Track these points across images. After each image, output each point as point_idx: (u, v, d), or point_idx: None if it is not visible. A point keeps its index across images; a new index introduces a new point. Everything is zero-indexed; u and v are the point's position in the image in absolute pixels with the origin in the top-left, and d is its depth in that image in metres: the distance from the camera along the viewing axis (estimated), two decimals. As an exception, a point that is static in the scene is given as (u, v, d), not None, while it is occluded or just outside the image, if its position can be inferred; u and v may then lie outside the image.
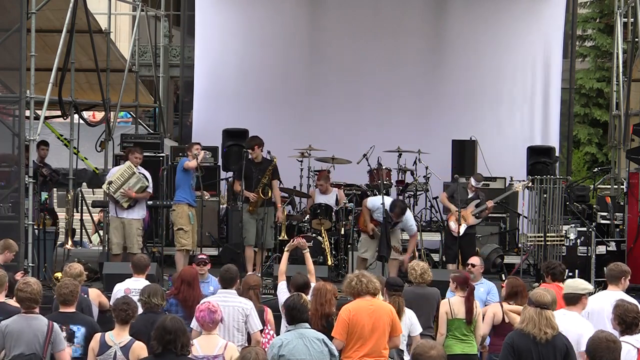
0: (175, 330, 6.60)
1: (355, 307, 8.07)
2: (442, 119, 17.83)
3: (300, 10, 18.60)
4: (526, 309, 7.21)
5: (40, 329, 7.62)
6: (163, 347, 6.57)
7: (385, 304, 8.32)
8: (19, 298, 7.73)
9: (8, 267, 10.14)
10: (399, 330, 8.24)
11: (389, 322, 8.06)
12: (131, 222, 13.22)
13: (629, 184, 13.88)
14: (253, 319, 8.73)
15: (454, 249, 13.31)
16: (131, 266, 10.14)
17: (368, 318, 7.98)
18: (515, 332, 7.21)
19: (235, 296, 8.87)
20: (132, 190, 13.08)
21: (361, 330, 7.95)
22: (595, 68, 27.02)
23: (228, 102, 18.36)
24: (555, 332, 7.13)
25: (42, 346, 7.56)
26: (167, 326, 6.62)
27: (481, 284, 10.56)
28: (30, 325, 7.62)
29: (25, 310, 7.71)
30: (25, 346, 7.55)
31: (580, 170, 25.27)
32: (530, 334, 7.05)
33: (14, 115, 12.98)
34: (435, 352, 5.80)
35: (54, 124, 17.53)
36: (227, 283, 8.96)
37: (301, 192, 15.63)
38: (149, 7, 19.66)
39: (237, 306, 8.73)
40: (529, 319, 7.11)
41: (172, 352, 6.56)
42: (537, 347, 7.05)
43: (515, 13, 17.98)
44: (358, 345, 7.95)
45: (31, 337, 7.56)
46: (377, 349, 7.97)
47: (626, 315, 7.22)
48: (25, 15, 12.35)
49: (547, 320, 7.10)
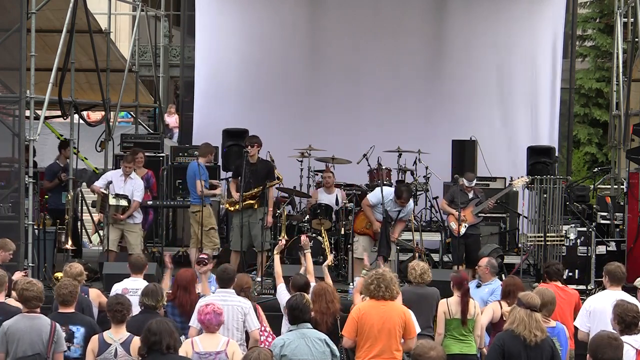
0: (161, 332, 6.67)
1: (366, 306, 8.09)
2: (442, 119, 17.83)
3: (300, 10, 18.59)
4: (515, 309, 7.21)
5: (43, 329, 7.62)
6: (149, 348, 6.63)
7: (398, 305, 8.27)
8: (25, 297, 7.71)
9: (8, 267, 10.13)
10: (413, 332, 8.17)
11: (400, 323, 8.02)
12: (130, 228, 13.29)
13: (629, 184, 13.88)
14: (251, 317, 8.81)
15: (459, 251, 13.29)
16: (129, 266, 10.16)
17: (377, 318, 7.97)
18: (506, 334, 7.20)
19: (233, 295, 8.93)
20: (117, 215, 13.17)
21: (369, 329, 7.94)
22: (595, 68, 27.02)
23: (228, 102, 18.36)
24: (544, 335, 7.14)
25: (46, 346, 7.56)
26: (152, 328, 6.70)
27: (489, 284, 10.52)
28: (33, 325, 7.62)
29: (27, 310, 7.70)
30: (28, 346, 7.55)
31: (580, 170, 25.27)
32: (521, 336, 7.06)
33: (14, 115, 12.97)
34: (435, 352, 5.81)
35: (54, 124, 17.53)
36: (224, 283, 9.01)
37: (301, 192, 15.63)
38: (149, 7, 19.66)
39: (236, 305, 8.79)
40: (519, 320, 7.11)
41: (157, 351, 6.62)
42: (526, 350, 7.06)
43: (515, 13, 17.97)
44: (368, 344, 7.94)
45: (34, 337, 7.57)
46: (387, 349, 7.94)
47: (626, 314, 7.23)
48: (25, 15, 12.34)
49: (537, 322, 7.12)
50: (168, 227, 15.34)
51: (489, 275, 10.55)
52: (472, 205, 13.43)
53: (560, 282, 9.83)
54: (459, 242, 13.28)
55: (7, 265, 10.26)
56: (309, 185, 15.87)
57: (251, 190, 13.23)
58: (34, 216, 12.88)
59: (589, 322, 8.66)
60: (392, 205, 13.01)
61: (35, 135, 12.69)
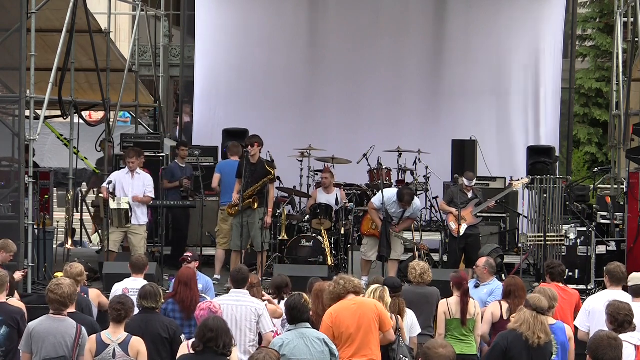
0: (218, 329, 6.61)
1: (338, 308, 8.02)
2: (442, 119, 17.85)
3: (300, 10, 18.60)
4: (522, 310, 7.21)
5: (69, 332, 7.56)
6: (204, 345, 6.58)
7: (369, 300, 8.25)
8: (49, 299, 7.66)
9: (8, 267, 10.13)
10: (388, 324, 8.16)
11: (374, 317, 7.99)
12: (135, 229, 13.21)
13: (629, 184, 13.86)
14: (265, 319, 8.67)
15: (457, 252, 13.27)
16: (129, 266, 10.14)
17: (352, 317, 7.93)
18: (509, 333, 7.20)
19: (247, 296, 8.83)
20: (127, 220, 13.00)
21: (347, 330, 7.91)
22: (595, 68, 27.02)
23: (228, 102, 18.37)
24: (548, 338, 7.15)
25: (71, 350, 7.51)
26: (210, 324, 6.65)
27: (487, 284, 10.49)
28: (57, 327, 7.56)
29: (53, 312, 7.66)
30: (51, 349, 7.50)
31: (580, 170, 25.27)
32: (524, 336, 7.06)
33: (14, 115, 12.96)
34: (445, 351, 5.80)
35: (54, 124, 17.53)
36: (238, 283, 8.88)
37: (301, 192, 15.63)
38: (149, 7, 19.65)
39: (250, 306, 8.67)
40: (524, 321, 7.11)
41: (213, 350, 6.57)
42: (528, 351, 7.06)
43: (515, 13, 17.98)
44: (347, 345, 7.91)
45: (59, 340, 7.50)
46: (365, 346, 7.91)
47: (617, 313, 7.26)
48: (25, 15, 12.33)
49: (542, 325, 7.12)
50: (168, 227, 15.34)
51: (487, 275, 10.52)
52: (471, 206, 13.43)
53: (561, 283, 9.84)
54: (458, 244, 13.25)
55: (7, 266, 10.25)
56: (309, 185, 15.87)
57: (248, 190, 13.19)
58: (34, 216, 12.86)
59: (589, 322, 8.69)
60: (397, 207, 13.01)
61: (35, 135, 12.67)
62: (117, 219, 12.94)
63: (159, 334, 8.14)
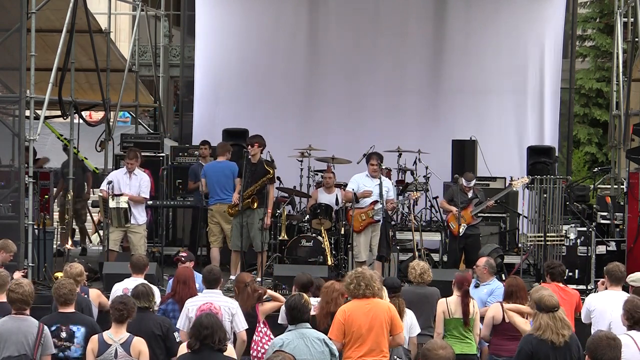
0: (212, 325, 6.66)
1: (351, 307, 8.04)
2: (442, 119, 17.85)
3: (300, 10, 18.60)
4: (538, 315, 7.17)
5: (30, 330, 7.58)
6: (200, 342, 6.60)
7: (383, 302, 8.25)
8: (10, 299, 7.69)
9: (8, 267, 10.13)
10: (400, 328, 8.18)
11: (387, 319, 8.01)
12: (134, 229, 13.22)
13: (629, 184, 13.86)
14: (239, 317, 8.81)
15: (456, 252, 13.27)
16: (130, 266, 10.15)
17: (364, 317, 7.95)
18: (535, 339, 7.14)
19: (220, 296, 8.99)
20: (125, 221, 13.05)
21: (358, 329, 7.92)
22: (595, 68, 27.02)
23: (228, 102, 18.37)
24: (571, 331, 7.18)
25: (32, 348, 7.52)
26: (203, 322, 6.68)
27: (487, 284, 10.48)
28: (19, 326, 7.57)
29: (15, 312, 7.67)
30: (14, 347, 7.51)
31: (580, 170, 25.27)
32: (548, 340, 7.06)
33: (14, 115, 12.97)
34: (444, 352, 5.79)
35: (54, 124, 17.52)
36: (210, 284, 9.06)
37: (301, 192, 15.63)
38: (149, 7, 19.66)
39: (224, 306, 8.80)
40: (545, 327, 7.09)
41: (210, 346, 6.60)
42: (554, 352, 7.07)
43: (515, 13, 17.97)
44: (357, 344, 7.93)
45: (20, 339, 7.52)
46: (376, 347, 7.93)
47: (635, 311, 7.35)
48: (25, 15, 12.33)
49: (562, 321, 7.12)
50: (168, 227, 15.34)
51: (487, 275, 10.52)
52: (471, 206, 13.43)
53: (562, 283, 9.84)
54: (458, 244, 13.25)
55: (6, 265, 10.25)
56: (309, 185, 15.87)
57: (247, 189, 13.18)
58: (34, 216, 12.87)
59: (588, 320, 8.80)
60: (370, 181, 13.02)
61: (35, 135, 12.67)
62: (116, 219, 12.97)
63: (152, 331, 8.21)
